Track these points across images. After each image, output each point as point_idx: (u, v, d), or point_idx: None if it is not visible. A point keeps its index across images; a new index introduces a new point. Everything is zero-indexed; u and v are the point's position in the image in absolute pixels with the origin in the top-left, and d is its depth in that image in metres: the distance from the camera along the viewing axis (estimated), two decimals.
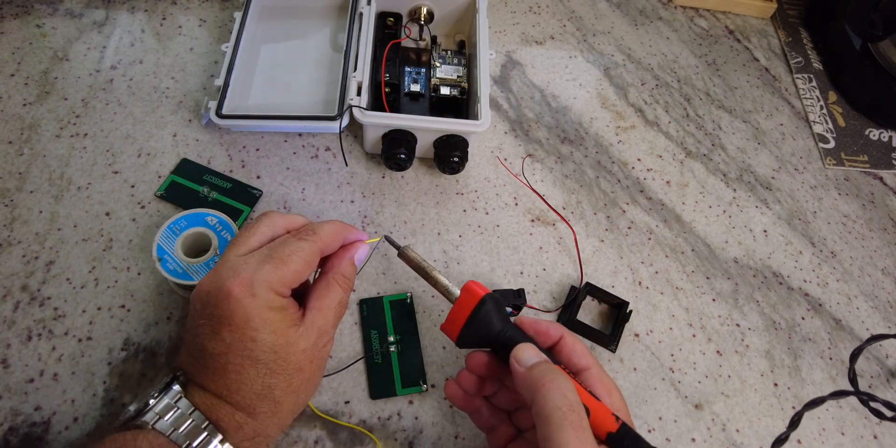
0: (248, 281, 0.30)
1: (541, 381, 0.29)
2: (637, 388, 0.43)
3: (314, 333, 0.32)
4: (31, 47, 0.51)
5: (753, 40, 0.65)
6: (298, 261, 0.32)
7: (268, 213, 0.35)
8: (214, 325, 0.30)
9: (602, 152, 0.54)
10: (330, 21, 0.54)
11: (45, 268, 0.41)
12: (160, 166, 0.47)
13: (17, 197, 0.44)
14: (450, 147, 0.46)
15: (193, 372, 0.31)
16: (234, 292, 0.30)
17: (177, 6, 0.55)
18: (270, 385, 0.31)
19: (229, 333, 0.30)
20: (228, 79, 0.47)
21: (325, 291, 0.34)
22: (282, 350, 0.31)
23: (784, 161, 0.57)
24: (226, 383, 0.30)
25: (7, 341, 0.39)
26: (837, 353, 0.47)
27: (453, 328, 0.34)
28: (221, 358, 0.30)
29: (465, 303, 0.34)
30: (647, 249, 0.49)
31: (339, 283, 0.34)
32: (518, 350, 0.32)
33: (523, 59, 0.59)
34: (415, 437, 0.39)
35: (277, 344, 0.30)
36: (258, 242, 0.33)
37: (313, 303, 0.33)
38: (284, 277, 0.31)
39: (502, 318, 0.34)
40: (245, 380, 0.30)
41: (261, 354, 0.30)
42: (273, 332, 0.30)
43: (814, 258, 0.51)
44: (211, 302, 0.30)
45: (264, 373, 0.30)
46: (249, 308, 0.30)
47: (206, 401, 0.30)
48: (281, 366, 0.31)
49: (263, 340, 0.30)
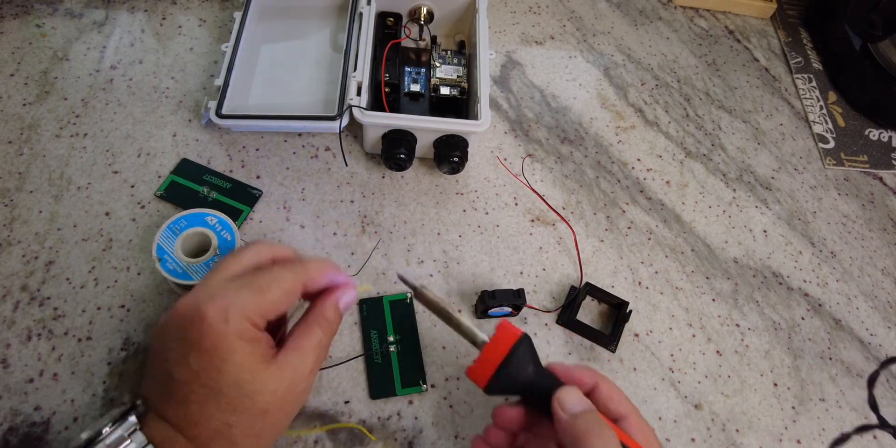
0: (223, 306, 0.29)
1: (587, 433, 0.28)
2: (637, 388, 0.43)
3: (289, 375, 0.30)
4: (31, 47, 0.51)
5: (753, 40, 0.65)
6: (278, 290, 0.31)
7: (256, 242, 0.34)
8: (183, 350, 0.29)
9: (602, 152, 0.54)
10: (330, 21, 0.54)
11: (45, 268, 0.41)
12: (160, 166, 0.47)
13: (17, 197, 0.44)
14: (450, 147, 0.46)
15: (157, 400, 0.30)
16: (207, 316, 0.29)
17: (177, 6, 0.55)
18: (230, 423, 0.29)
19: (196, 359, 0.29)
20: (228, 79, 0.47)
21: (305, 332, 0.32)
22: (247, 386, 0.29)
23: (784, 161, 0.57)
24: (186, 414, 0.29)
25: (7, 341, 0.39)
26: (837, 353, 0.47)
27: (483, 372, 0.31)
28: (185, 386, 0.29)
29: (500, 342, 0.31)
30: (647, 249, 0.49)
31: (321, 325, 0.33)
32: (563, 394, 0.30)
33: (523, 59, 0.59)
34: (415, 437, 0.39)
35: (243, 378, 0.29)
36: (241, 269, 0.32)
37: (291, 343, 0.31)
38: (261, 306, 0.30)
39: (537, 361, 0.31)
40: (205, 413, 0.29)
41: (224, 387, 0.29)
42: (239, 365, 0.29)
43: (813, 258, 0.51)
44: (184, 325, 0.29)
45: (226, 408, 0.29)
46: (220, 334, 0.29)
47: (163, 433, 0.29)
48: (245, 404, 0.29)
49: (228, 371, 0.29)
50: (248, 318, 0.30)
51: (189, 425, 0.29)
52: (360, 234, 0.46)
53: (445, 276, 0.45)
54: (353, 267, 0.44)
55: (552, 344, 0.44)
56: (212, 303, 0.29)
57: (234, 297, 0.30)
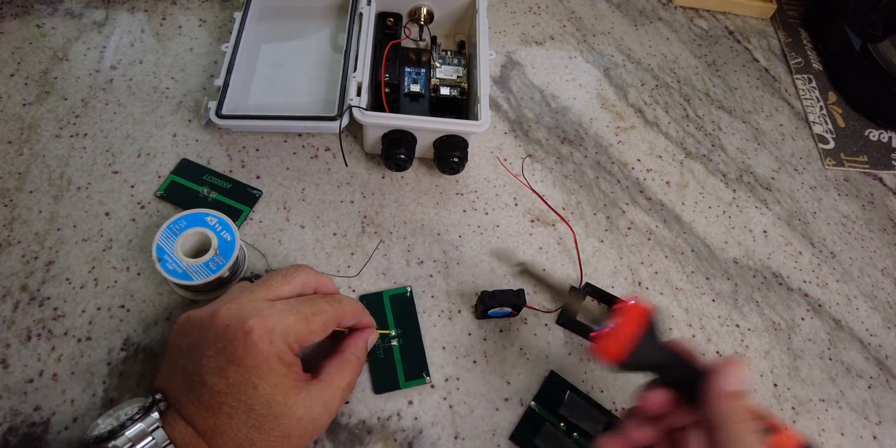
0: (270, 326, 0.30)
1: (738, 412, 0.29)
2: (637, 389, 0.43)
3: (317, 407, 0.31)
4: (31, 47, 0.51)
5: (753, 41, 0.65)
6: (320, 322, 0.32)
7: (305, 269, 0.35)
8: (223, 362, 0.30)
9: (602, 153, 0.54)
10: (330, 21, 0.54)
11: (45, 268, 0.41)
12: (160, 166, 0.47)
13: (17, 197, 0.44)
14: (449, 147, 0.46)
15: (183, 401, 0.30)
16: (254, 333, 0.30)
17: (177, 6, 0.55)
18: (253, 439, 0.30)
19: (235, 373, 0.29)
20: (228, 79, 0.47)
21: (340, 369, 0.34)
22: (277, 408, 0.30)
23: (784, 161, 0.57)
24: (214, 423, 0.29)
25: (7, 341, 0.39)
26: (837, 353, 0.47)
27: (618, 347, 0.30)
28: (221, 396, 0.29)
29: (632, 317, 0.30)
30: (647, 250, 0.49)
31: (352, 364, 0.34)
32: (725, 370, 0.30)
33: (523, 59, 0.59)
34: (415, 437, 0.39)
35: (275, 399, 0.30)
36: (288, 293, 0.34)
37: (325, 377, 0.33)
38: (301, 334, 0.31)
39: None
40: (233, 425, 0.29)
41: (256, 404, 0.30)
42: (274, 385, 0.30)
43: (813, 259, 0.51)
44: (227, 336, 0.30)
45: (253, 424, 0.30)
46: (263, 354, 0.29)
47: (186, 437, 0.29)
48: (270, 424, 0.30)
49: (263, 391, 0.30)
50: (289, 343, 0.31)
51: (215, 434, 0.29)
52: (360, 235, 0.46)
53: (445, 277, 0.45)
54: (353, 267, 0.44)
55: (552, 344, 0.44)
56: (259, 321, 0.30)
57: (280, 319, 0.31)
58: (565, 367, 0.43)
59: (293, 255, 0.44)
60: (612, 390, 0.42)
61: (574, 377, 0.42)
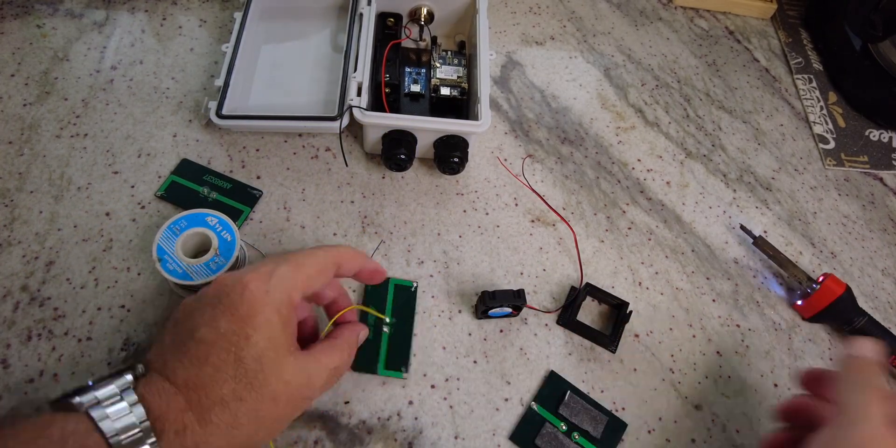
0: (265, 275, 0.30)
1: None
2: (637, 389, 0.43)
3: (303, 377, 0.31)
4: (32, 47, 0.51)
5: (753, 41, 0.65)
6: (313, 265, 0.32)
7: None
8: (216, 312, 0.29)
9: (602, 153, 0.54)
10: (330, 21, 0.54)
11: (45, 268, 0.41)
12: (160, 166, 0.47)
13: (17, 197, 0.44)
14: (450, 147, 0.46)
15: (167, 360, 0.29)
16: (250, 285, 0.30)
17: (177, 6, 0.55)
18: (240, 396, 0.28)
19: (227, 322, 0.29)
20: (228, 79, 0.47)
21: (330, 350, 0.33)
22: (268, 364, 0.29)
23: (784, 162, 0.57)
24: (198, 375, 0.28)
25: (7, 341, 0.39)
26: (837, 354, 0.47)
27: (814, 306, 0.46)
28: (207, 346, 0.28)
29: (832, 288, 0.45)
30: (648, 250, 0.49)
31: (343, 349, 0.34)
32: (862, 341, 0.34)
33: (523, 59, 0.59)
34: (415, 437, 0.39)
35: (266, 355, 0.29)
36: None
37: (315, 353, 0.32)
38: (298, 280, 0.32)
39: None
40: (218, 377, 0.28)
41: (246, 357, 0.29)
42: (269, 339, 0.29)
43: (814, 259, 0.51)
44: (224, 290, 0.30)
45: (241, 379, 0.28)
46: (259, 303, 0.29)
47: (159, 391, 0.28)
48: (258, 382, 0.29)
49: (256, 343, 0.29)
50: (287, 291, 0.31)
51: (196, 387, 0.28)
52: (361, 235, 0.46)
53: (445, 277, 0.45)
54: None
55: (552, 344, 0.44)
56: (254, 273, 0.31)
57: (274, 268, 0.31)
58: (565, 367, 0.43)
59: None
60: (612, 390, 0.42)
61: (574, 377, 0.42)
